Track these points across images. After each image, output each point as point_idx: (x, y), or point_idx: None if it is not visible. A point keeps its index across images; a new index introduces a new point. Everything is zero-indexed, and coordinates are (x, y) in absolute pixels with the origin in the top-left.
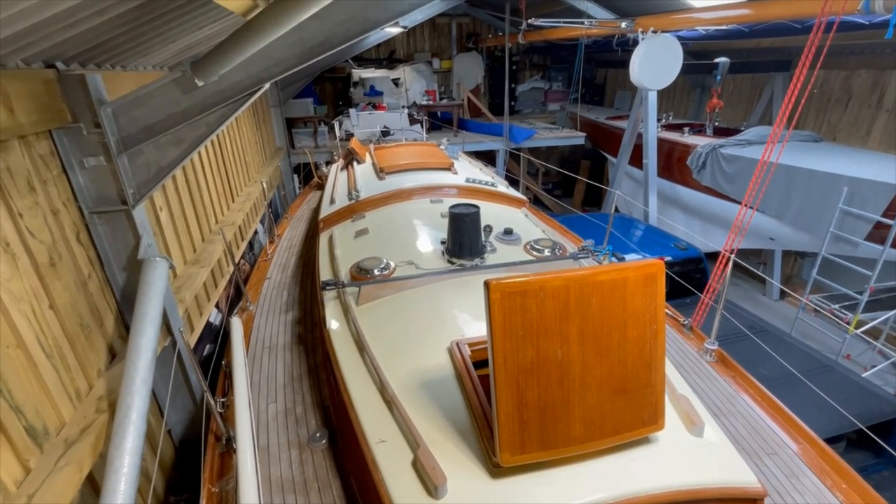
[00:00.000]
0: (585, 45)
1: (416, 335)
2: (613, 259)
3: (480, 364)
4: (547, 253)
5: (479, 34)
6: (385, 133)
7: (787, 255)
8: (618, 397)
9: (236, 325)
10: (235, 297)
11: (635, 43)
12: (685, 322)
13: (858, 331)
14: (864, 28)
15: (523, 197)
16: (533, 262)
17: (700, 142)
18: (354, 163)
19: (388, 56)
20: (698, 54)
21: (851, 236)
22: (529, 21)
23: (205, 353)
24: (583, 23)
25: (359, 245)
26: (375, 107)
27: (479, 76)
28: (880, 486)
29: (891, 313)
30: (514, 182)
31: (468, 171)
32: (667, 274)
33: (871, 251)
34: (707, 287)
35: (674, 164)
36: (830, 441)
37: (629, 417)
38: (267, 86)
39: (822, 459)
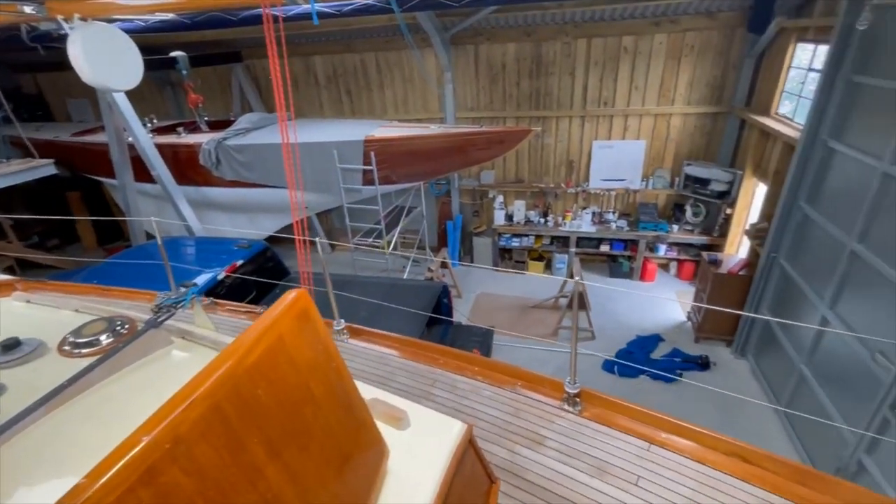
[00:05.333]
0: None
1: None
2: (200, 301)
3: None
4: (105, 340)
5: None
6: None
7: (317, 215)
8: (348, 472)
9: None
10: None
11: (60, 37)
12: None
13: (390, 249)
14: (296, 20)
15: (6, 277)
16: (95, 366)
17: (202, 139)
18: None
19: None
20: (151, 49)
21: (354, 186)
22: None
23: None
24: None
25: None
26: None
27: None
28: (450, 340)
29: (398, 228)
30: None
31: None
32: (248, 276)
33: (371, 191)
34: (301, 276)
35: (187, 167)
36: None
37: (364, 472)
38: None
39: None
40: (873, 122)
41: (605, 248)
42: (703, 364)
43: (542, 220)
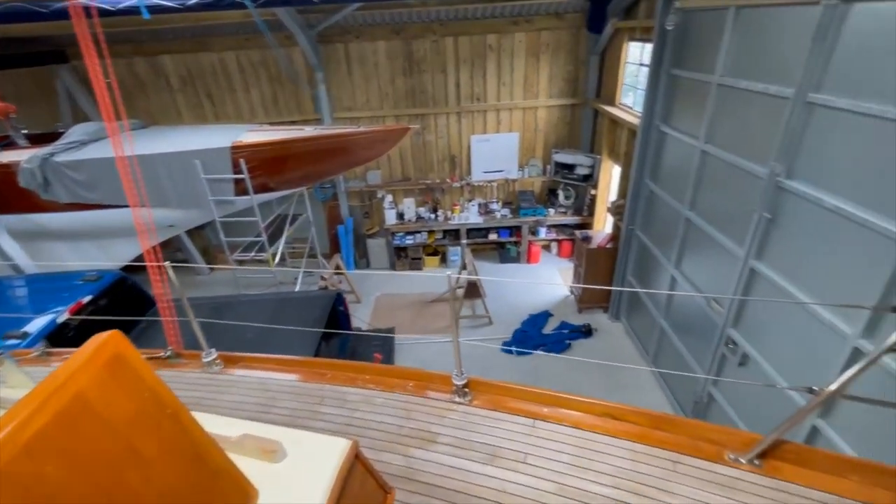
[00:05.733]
0: None
1: None
2: (10, 355)
3: None
4: None
5: None
6: None
7: (188, 233)
8: None
9: None
10: None
11: None
12: (167, 353)
13: (276, 262)
14: (123, 14)
15: None
16: None
17: (20, 157)
18: None
19: None
20: None
21: (225, 197)
22: None
23: None
24: None
25: None
26: None
27: None
28: (351, 349)
29: (282, 238)
30: None
31: None
32: (101, 314)
33: (246, 202)
34: (162, 307)
35: (4, 192)
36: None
37: None
38: None
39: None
40: (691, 108)
41: (493, 236)
42: (586, 332)
43: (433, 216)
